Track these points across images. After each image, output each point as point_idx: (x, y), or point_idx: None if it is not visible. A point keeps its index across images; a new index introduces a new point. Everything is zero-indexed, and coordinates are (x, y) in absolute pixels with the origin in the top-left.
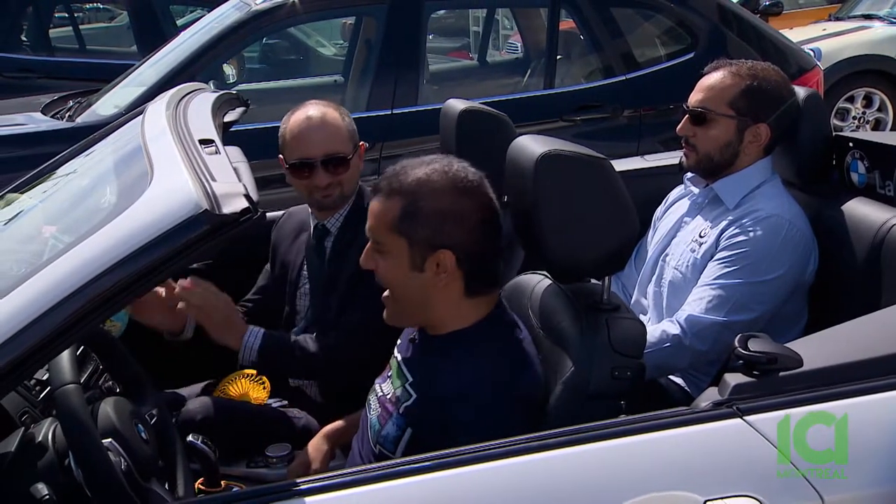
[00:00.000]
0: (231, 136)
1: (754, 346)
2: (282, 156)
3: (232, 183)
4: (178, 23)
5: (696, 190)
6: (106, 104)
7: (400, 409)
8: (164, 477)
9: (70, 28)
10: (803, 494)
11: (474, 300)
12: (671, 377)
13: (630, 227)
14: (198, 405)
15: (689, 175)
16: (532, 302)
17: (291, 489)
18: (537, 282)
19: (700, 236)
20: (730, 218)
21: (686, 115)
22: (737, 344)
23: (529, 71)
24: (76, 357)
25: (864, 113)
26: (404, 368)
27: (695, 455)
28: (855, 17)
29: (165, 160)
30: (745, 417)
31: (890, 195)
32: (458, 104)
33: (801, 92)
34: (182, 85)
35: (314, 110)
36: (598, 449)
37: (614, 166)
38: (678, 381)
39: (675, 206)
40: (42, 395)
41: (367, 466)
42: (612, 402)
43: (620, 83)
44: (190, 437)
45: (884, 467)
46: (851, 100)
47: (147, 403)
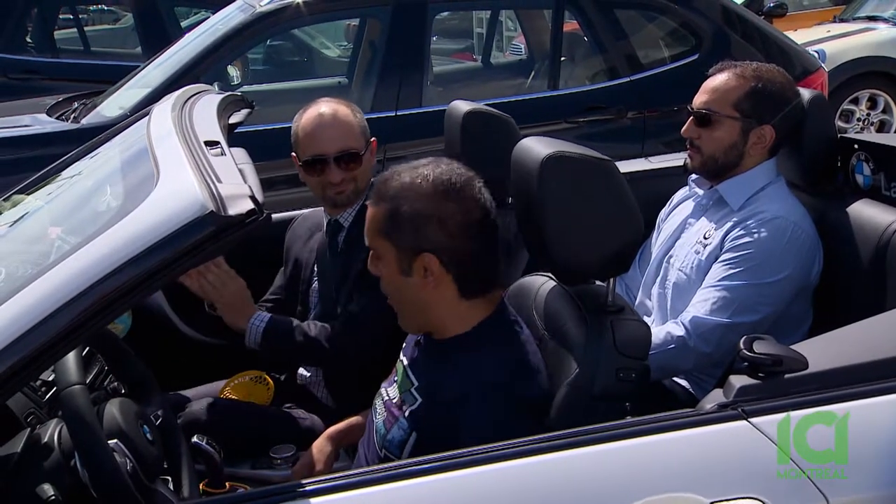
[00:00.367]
0: (236, 138)
1: (759, 347)
2: (294, 153)
3: (237, 184)
4: (183, 24)
5: (700, 191)
6: (111, 106)
7: (405, 413)
8: (170, 478)
9: (75, 30)
10: (808, 496)
11: (473, 302)
12: (675, 379)
13: (635, 229)
14: (202, 406)
15: (693, 176)
16: (537, 304)
17: (296, 490)
18: (542, 283)
19: (704, 238)
20: (734, 219)
21: (691, 117)
22: (742, 346)
23: (533, 72)
24: (82, 358)
25: (868, 115)
26: (410, 373)
27: (700, 457)
28: (859, 19)
29: (171, 162)
30: (751, 419)
31: (895, 197)
32: (462, 106)
33: (805, 94)
34: (187, 87)
35: (326, 107)
36: (602, 451)
37: (619, 168)
38: (682, 382)
39: (680, 207)
40: (48, 396)
41: (372, 468)
42: (617, 404)
43: (625, 85)
44: (195, 438)
45: (886, 469)
46: (856, 101)
47: (152, 404)
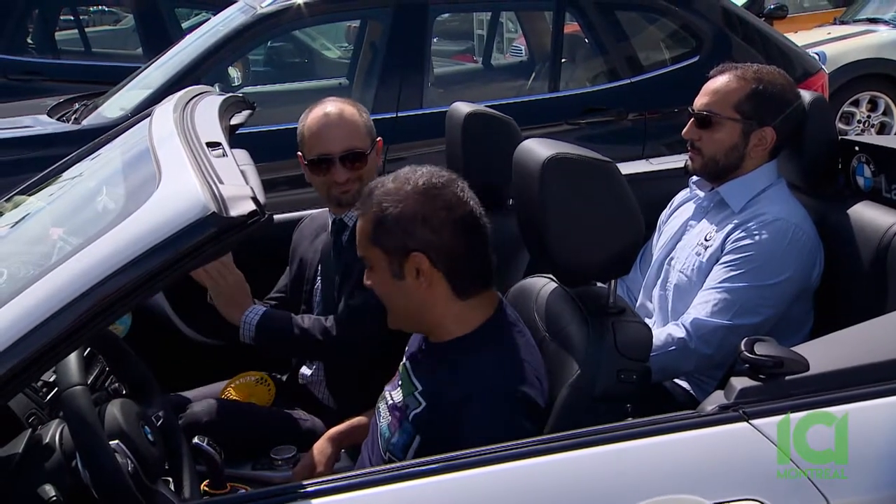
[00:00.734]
0: (237, 139)
1: (760, 349)
2: (300, 153)
3: (239, 186)
4: (184, 25)
5: (701, 193)
6: (112, 107)
7: (409, 417)
8: (171, 479)
9: (76, 31)
10: (808, 496)
11: (469, 302)
12: (676, 381)
13: (636, 231)
14: (203, 407)
15: (694, 178)
16: (538, 305)
17: (297, 491)
18: (543, 285)
19: (705, 240)
20: (735, 221)
21: (691, 119)
22: (743, 347)
23: (534, 74)
24: (83, 359)
25: (869, 116)
26: (413, 377)
27: (701, 458)
28: (860, 21)
29: (173, 163)
30: (752, 421)
31: None
32: (463, 107)
33: (806, 95)
34: (189, 88)
35: (332, 107)
36: (604, 452)
37: (619, 169)
38: (683, 384)
39: (681, 209)
40: (49, 397)
41: (373, 469)
42: (618, 406)
43: (625, 86)
44: (196, 439)
45: (886, 470)
46: (856, 103)
47: (153, 405)
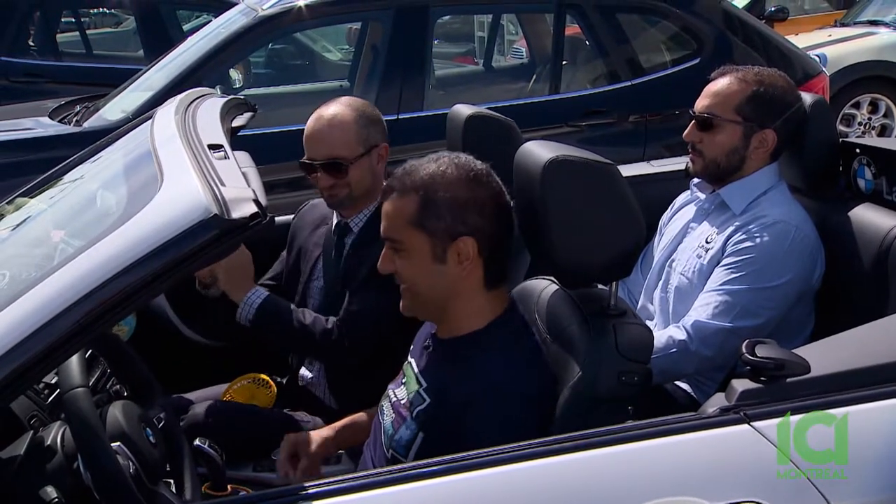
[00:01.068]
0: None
1: (761, 351)
2: None
3: (241, 188)
4: (185, 28)
5: (702, 196)
6: (113, 109)
7: (413, 413)
8: (172, 480)
9: (77, 33)
10: (808, 497)
11: (490, 295)
12: (677, 383)
13: (637, 233)
14: (204, 409)
15: (695, 181)
16: (539, 307)
17: (298, 493)
18: (544, 287)
19: (706, 242)
20: (736, 224)
21: (692, 121)
22: (744, 350)
23: (535, 76)
24: (85, 360)
25: (869, 119)
26: (418, 373)
27: (702, 461)
28: (860, 23)
29: (175, 165)
30: (753, 423)
31: None
32: (464, 109)
33: (807, 98)
34: (190, 90)
35: (329, 110)
36: (605, 454)
37: (621, 171)
38: (684, 386)
39: (682, 211)
40: (51, 399)
41: (376, 470)
42: (620, 408)
43: (626, 89)
44: (197, 441)
45: (887, 471)
46: (857, 105)
47: (155, 407)
